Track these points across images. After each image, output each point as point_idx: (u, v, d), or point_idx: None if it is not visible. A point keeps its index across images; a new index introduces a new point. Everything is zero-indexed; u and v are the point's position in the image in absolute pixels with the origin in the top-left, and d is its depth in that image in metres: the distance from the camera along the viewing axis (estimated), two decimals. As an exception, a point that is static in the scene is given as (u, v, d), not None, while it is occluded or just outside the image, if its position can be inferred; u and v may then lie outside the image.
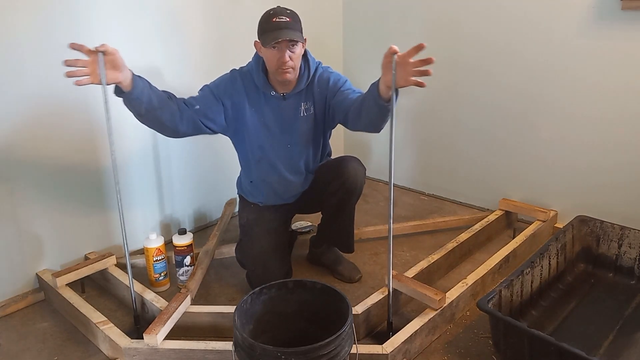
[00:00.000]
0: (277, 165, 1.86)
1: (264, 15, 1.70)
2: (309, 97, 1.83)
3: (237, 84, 1.80)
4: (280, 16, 1.65)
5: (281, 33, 1.63)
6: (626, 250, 1.96)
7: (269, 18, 1.67)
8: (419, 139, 2.80)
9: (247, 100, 1.80)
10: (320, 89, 1.83)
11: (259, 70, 1.78)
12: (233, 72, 1.84)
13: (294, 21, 1.67)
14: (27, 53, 1.78)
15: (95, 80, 1.42)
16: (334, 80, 1.83)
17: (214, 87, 1.80)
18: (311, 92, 1.83)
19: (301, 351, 1.23)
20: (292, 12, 1.70)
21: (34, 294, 1.95)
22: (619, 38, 2.03)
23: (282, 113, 1.82)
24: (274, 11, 1.67)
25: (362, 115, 1.65)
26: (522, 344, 1.44)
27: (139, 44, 2.08)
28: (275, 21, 1.64)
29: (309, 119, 1.84)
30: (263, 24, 1.69)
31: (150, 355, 1.54)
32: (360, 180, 1.85)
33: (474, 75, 2.49)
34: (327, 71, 1.86)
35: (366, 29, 2.85)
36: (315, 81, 1.83)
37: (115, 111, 1.51)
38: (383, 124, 1.64)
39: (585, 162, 2.24)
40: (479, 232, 2.24)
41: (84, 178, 2.03)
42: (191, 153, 2.37)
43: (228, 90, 1.79)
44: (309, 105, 1.83)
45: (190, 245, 1.99)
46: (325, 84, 1.83)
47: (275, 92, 1.79)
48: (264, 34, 1.67)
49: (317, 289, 1.47)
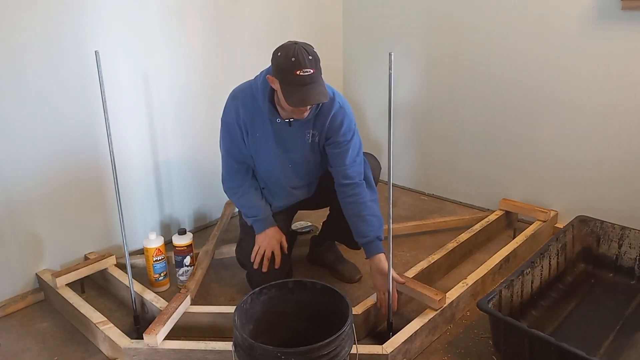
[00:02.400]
0: (284, 184, 1.85)
1: (283, 58, 1.52)
2: (317, 127, 1.75)
3: (239, 110, 1.74)
4: (305, 69, 1.50)
5: (308, 95, 1.52)
6: (626, 251, 1.95)
7: (292, 69, 1.50)
8: (419, 138, 2.80)
9: (251, 125, 1.75)
10: (330, 127, 1.74)
11: (266, 98, 1.67)
12: (234, 99, 1.76)
13: (317, 70, 1.54)
14: (28, 53, 1.78)
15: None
16: (344, 131, 1.74)
17: (230, 123, 1.77)
18: (321, 123, 1.74)
19: (301, 351, 1.23)
20: (313, 55, 1.54)
21: (33, 294, 1.95)
22: (619, 38, 2.03)
23: (287, 137, 1.76)
24: (297, 58, 1.50)
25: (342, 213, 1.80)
26: (522, 344, 1.44)
27: (139, 44, 2.07)
28: (300, 75, 1.50)
29: (314, 146, 1.79)
30: (285, 74, 1.53)
31: (150, 355, 1.54)
32: (377, 176, 1.86)
33: (474, 76, 2.48)
34: (343, 110, 1.74)
35: (366, 29, 2.85)
36: (329, 116, 1.72)
37: (115, 111, 1.50)
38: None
39: (585, 162, 2.23)
40: (479, 232, 2.24)
41: (83, 178, 2.03)
42: (191, 153, 2.37)
43: (237, 120, 1.75)
44: (315, 133, 1.76)
45: (190, 246, 1.98)
46: (336, 128, 1.74)
47: (280, 119, 1.71)
48: (286, 86, 1.54)
49: (317, 289, 1.47)
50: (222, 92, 1.85)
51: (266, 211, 1.85)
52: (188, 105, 2.30)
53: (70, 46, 1.87)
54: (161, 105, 2.21)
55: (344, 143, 1.75)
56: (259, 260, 1.80)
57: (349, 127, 1.75)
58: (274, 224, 1.85)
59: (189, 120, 2.32)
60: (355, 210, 1.75)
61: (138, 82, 2.11)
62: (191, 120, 2.33)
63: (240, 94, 1.76)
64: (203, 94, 2.33)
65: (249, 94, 1.74)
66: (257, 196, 1.86)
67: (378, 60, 2.83)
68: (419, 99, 2.72)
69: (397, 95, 2.15)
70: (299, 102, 1.54)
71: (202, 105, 2.34)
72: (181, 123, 2.30)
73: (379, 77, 2.82)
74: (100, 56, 1.44)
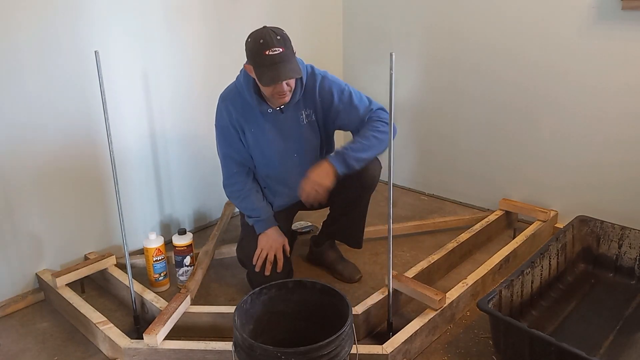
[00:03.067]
0: (286, 179, 1.85)
1: (252, 43, 1.58)
2: (309, 105, 1.78)
3: (230, 111, 1.76)
4: (273, 48, 1.54)
5: (279, 72, 1.56)
6: (626, 251, 1.95)
7: (261, 50, 1.55)
8: (419, 139, 2.80)
9: (245, 122, 1.76)
10: (323, 99, 1.77)
11: (251, 90, 1.71)
12: (224, 101, 1.78)
13: (286, 49, 1.57)
14: (27, 53, 1.78)
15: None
16: (338, 94, 1.77)
17: (224, 126, 1.79)
18: (311, 100, 1.78)
19: (301, 351, 1.23)
20: (282, 35, 1.59)
21: (33, 294, 1.95)
22: (619, 38, 2.03)
23: (282, 125, 1.78)
24: (264, 40, 1.55)
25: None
26: (522, 344, 1.44)
27: (139, 44, 2.07)
28: (269, 54, 1.54)
29: (312, 125, 1.82)
30: (255, 57, 1.58)
31: (150, 355, 1.54)
32: (378, 175, 1.86)
33: (474, 76, 2.48)
34: (326, 79, 1.79)
35: (366, 29, 2.85)
36: (316, 90, 1.77)
37: (114, 111, 1.50)
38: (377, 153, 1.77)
39: (585, 162, 2.23)
40: (479, 232, 2.24)
41: (83, 178, 2.03)
42: (191, 153, 2.37)
43: (231, 121, 1.77)
44: (309, 112, 1.79)
45: (190, 246, 1.98)
46: (329, 97, 1.77)
47: (271, 108, 1.74)
48: (258, 69, 1.58)
49: (317, 289, 1.47)
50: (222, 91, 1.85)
51: (268, 212, 1.86)
52: (188, 105, 2.30)
53: (69, 45, 1.87)
54: (161, 105, 2.21)
55: (346, 102, 1.78)
56: (260, 263, 1.81)
57: (340, 87, 1.79)
58: (275, 224, 1.85)
59: (189, 120, 2.32)
60: (363, 129, 1.77)
61: (138, 81, 2.11)
62: (191, 120, 2.33)
63: (228, 95, 1.79)
64: (203, 94, 2.33)
65: (236, 93, 1.76)
66: (259, 198, 1.86)
67: (378, 60, 2.83)
68: (419, 99, 2.72)
69: (397, 95, 2.15)
70: (271, 80, 1.57)
71: (203, 105, 2.33)
72: (181, 123, 2.30)
73: (379, 77, 2.82)
74: (99, 56, 1.44)
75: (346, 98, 1.78)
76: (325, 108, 1.80)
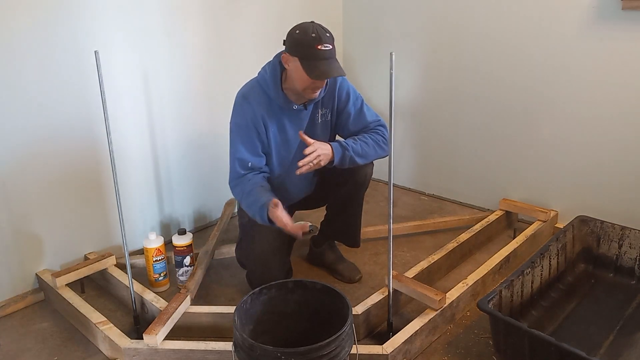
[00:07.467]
0: (293, 179, 1.83)
1: (302, 35, 1.58)
2: (328, 104, 1.81)
3: (254, 108, 1.72)
4: (325, 44, 1.57)
5: (330, 68, 1.58)
6: (626, 251, 1.95)
7: (313, 43, 1.56)
8: (419, 139, 2.80)
9: (269, 118, 1.73)
10: (340, 100, 1.82)
11: (278, 87, 1.69)
12: (246, 98, 1.74)
13: (334, 48, 1.62)
14: (27, 53, 1.78)
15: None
16: (353, 99, 1.82)
17: (243, 125, 1.72)
18: (331, 99, 1.80)
19: (301, 351, 1.23)
20: (330, 33, 1.62)
21: (33, 294, 1.95)
22: (619, 38, 2.03)
23: (301, 122, 1.78)
24: (317, 34, 1.57)
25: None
26: (523, 344, 1.44)
27: (139, 44, 2.07)
28: (321, 50, 1.56)
29: (325, 125, 1.83)
30: (306, 49, 1.58)
31: (150, 355, 1.54)
32: (370, 172, 1.87)
33: (474, 75, 2.48)
34: (346, 81, 1.84)
35: (366, 29, 2.85)
36: (336, 90, 1.79)
37: (114, 111, 1.50)
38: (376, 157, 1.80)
39: (586, 162, 2.23)
40: (479, 232, 2.24)
41: (83, 178, 2.03)
42: (191, 153, 2.37)
43: (253, 119, 1.72)
44: (325, 112, 1.81)
45: (190, 246, 1.98)
46: (345, 99, 1.82)
47: (297, 105, 1.74)
48: (307, 61, 1.58)
49: (317, 289, 1.47)
50: (222, 91, 1.85)
51: (269, 198, 1.72)
52: (188, 104, 2.30)
53: (69, 45, 1.87)
54: (161, 105, 2.21)
55: (358, 109, 1.83)
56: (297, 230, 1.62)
57: (355, 93, 1.85)
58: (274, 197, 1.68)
59: (189, 120, 2.32)
60: (368, 134, 1.82)
61: (138, 81, 2.11)
62: (191, 119, 2.33)
63: (250, 93, 1.74)
64: (203, 94, 2.33)
65: (260, 91, 1.73)
66: (261, 192, 1.76)
67: (378, 60, 2.83)
68: (419, 99, 2.72)
69: (397, 95, 2.15)
70: (322, 74, 1.59)
71: (203, 104, 2.33)
72: (181, 123, 2.30)
73: (379, 77, 2.82)
74: (99, 56, 1.44)
75: (359, 105, 1.84)
76: (339, 110, 1.83)
